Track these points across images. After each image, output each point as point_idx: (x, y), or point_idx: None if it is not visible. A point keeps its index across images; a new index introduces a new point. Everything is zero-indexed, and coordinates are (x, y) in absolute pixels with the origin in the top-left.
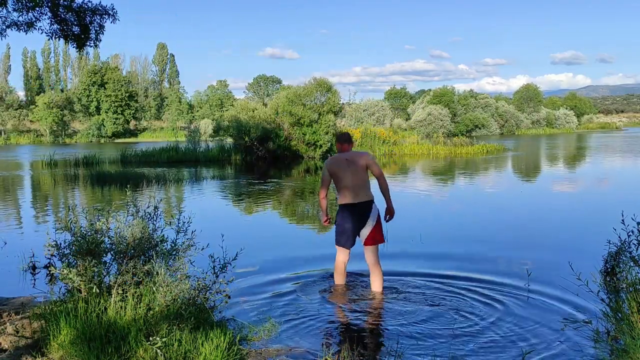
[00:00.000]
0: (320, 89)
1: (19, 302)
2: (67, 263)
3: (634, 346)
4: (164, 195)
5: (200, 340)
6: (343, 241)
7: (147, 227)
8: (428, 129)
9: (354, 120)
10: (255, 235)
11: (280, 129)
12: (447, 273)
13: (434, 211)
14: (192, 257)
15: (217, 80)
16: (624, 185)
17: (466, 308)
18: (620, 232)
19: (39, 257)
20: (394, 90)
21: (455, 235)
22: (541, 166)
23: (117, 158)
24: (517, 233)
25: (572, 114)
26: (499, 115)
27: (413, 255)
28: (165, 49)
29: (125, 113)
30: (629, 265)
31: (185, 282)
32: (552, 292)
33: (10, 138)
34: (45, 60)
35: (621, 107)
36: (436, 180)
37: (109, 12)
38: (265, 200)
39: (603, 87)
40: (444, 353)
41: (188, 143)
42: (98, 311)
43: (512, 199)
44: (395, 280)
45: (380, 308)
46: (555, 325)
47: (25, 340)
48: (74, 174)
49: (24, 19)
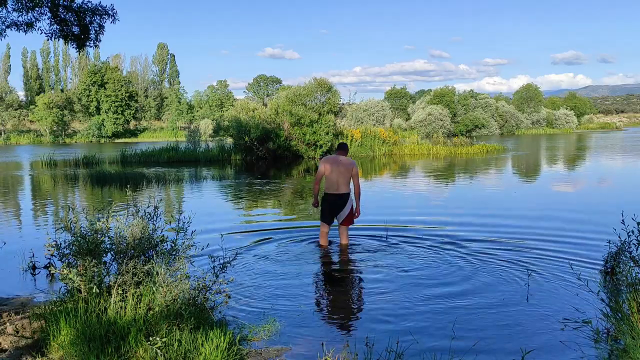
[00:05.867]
0: (320, 89)
1: (19, 302)
2: (67, 263)
3: (634, 346)
4: (164, 195)
5: (200, 340)
6: (323, 219)
7: (147, 227)
8: (428, 129)
9: (354, 120)
10: (255, 235)
11: (281, 129)
12: (444, 275)
13: (432, 209)
14: (192, 257)
15: (217, 81)
16: (624, 185)
17: (466, 308)
18: (620, 232)
19: (39, 257)
20: (394, 90)
21: (455, 236)
22: (542, 166)
23: (117, 158)
24: (517, 232)
25: (572, 114)
26: (499, 115)
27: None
28: (165, 49)
29: (125, 113)
30: (629, 265)
31: (185, 282)
32: (552, 292)
33: (10, 138)
34: (44, 60)
35: (621, 107)
36: (435, 179)
37: (108, 12)
38: (265, 200)
39: (603, 87)
40: (444, 353)
41: (188, 143)
42: (98, 311)
43: (511, 199)
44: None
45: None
46: (555, 325)
47: (25, 340)
48: (74, 174)
49: (23, 19)
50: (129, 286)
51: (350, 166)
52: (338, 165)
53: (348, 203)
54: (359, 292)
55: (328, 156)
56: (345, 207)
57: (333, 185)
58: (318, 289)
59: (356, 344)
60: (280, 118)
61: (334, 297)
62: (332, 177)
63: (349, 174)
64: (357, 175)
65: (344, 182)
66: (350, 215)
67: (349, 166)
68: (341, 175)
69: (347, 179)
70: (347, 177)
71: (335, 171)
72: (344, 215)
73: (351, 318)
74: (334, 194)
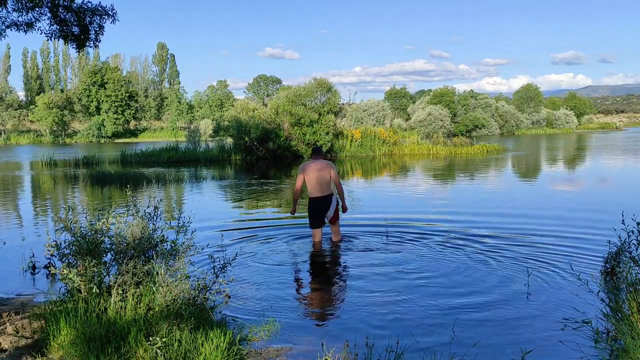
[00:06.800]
0: (320, 89)
1: (19, 302)
2: (67, 263)
3: (634, 346)
4: (164, 195)
5: (200, 340)
6: (312, 224)
7: (147, 227)
8: (428, 129)
9: (354, 121)
10: (256, 236)
11: (280, 129)
12: (445, 275)
13: (431, 209)
14: (192, 257)
15: (217, 81)
16: (624, 185)
17: (466, 307)
18: (620, 232)
19: (39, 257)
20: (394, 90)
21: (456, 236)
22: (541, 166)
23: (117, 158)
24: (517, 232)
25: (572, 114)
26: (499, 115)
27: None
28: (165, 49)
29: (125, 113)
30: (629, 265)
31: (185, 282)
32: (552, 291)
33: (10, 138)
34: (44, 60)
35: (621, 107)
36: (435, 179)
37: (108, 12)
38: (265, 200)
39: (603, 87)
40: (444, 353)
41: (188, 143)
42: (98, 311)
43: (511, 199)
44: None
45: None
46: (555, 325)
47: (25, 340)
48: (74, 174)
49: (23, 19)
50: (129, 286)
51: (328, 167)
52: (315, 169)
53: (332, 202)
54: (359, 291)
55: (304, 164)
56: (330, 206)
57: (315, 190)
58: (318, 288)
59: (356, 344)
60: (280, 118)
61: (334, 297)
62: (312, 182)
63: (328, 175)
64: (337, 175)
65: (325, 184)
66: (336, 212)
67: (326, 168)
68: (320, 178)
69: (327, 180)
70: (327, 179)
71: (314, 176)
72: (330, 214)
73: (351, 318)
74: (318, 197)
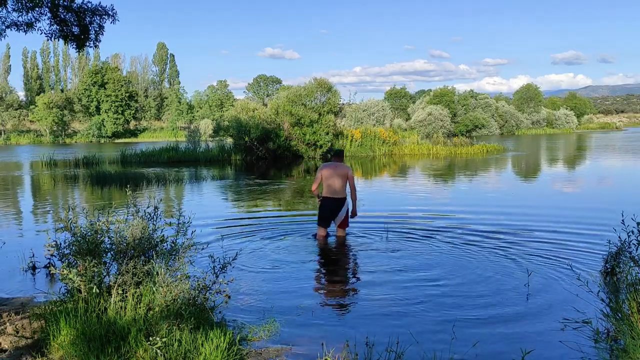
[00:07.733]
0: (320, 89)
1: (19, 302)
2: (67, 263)
3: (634, 346)
4: (164, 195)
5: (200, 340)
6: (320, 222)
7: (147, 227)
8: (428, 129)
9: (354, 121)
10: (256, 235)
11: (281, 129)
12: (445, 275)
13: (427, 208)
14: (192, 257)
15: (217, 81)
16: (624, 185)
17: (466, 307)
18: (620, 232)
19: (39, 257)
20: (394, 90)
21: (456, 236)
22: (541, 166)
23: (117, 158)
24: (517, 232)
25: (572, 114)
26: (499, 115)
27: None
28: (165, 49)
29: (126, 113)
30: (629, 265)
31: (185, 282)
32: (552, 291)
33: (10, 138)
34: (44, 60)
35: (621, 107)
36: (435, 178)
37: (108, 12)
38: (265, 200)
39: (603, 87)
40: (444, 352)
41: (188, 143)
42: (98, 311)
43: (511, 199)
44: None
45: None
46: (555, 325)
47: (25, 340)
48: (74, 174)
49: (23, 19)
50: (129, 286)
51: (346, 170)
52: (335, 170)
53: (344, 207)
54: (359, 291)
55: (326, 163)
56: (341, 210)
57: (331, 190)
58: (318, 288)
59: (356, 344)
60: (280, 118)
61: (334, 297)
62: (329, 182)
63: (345, 178)
64: (353, 179)
65: (340, 187)
66: (346, 219)
67: (344, 170)
68: (338, 180)
69: (343, 183)
70: (343, 182)
71: (333, 176)
72: (340, 218)
73: (351, 318)
74: (332, 197)
